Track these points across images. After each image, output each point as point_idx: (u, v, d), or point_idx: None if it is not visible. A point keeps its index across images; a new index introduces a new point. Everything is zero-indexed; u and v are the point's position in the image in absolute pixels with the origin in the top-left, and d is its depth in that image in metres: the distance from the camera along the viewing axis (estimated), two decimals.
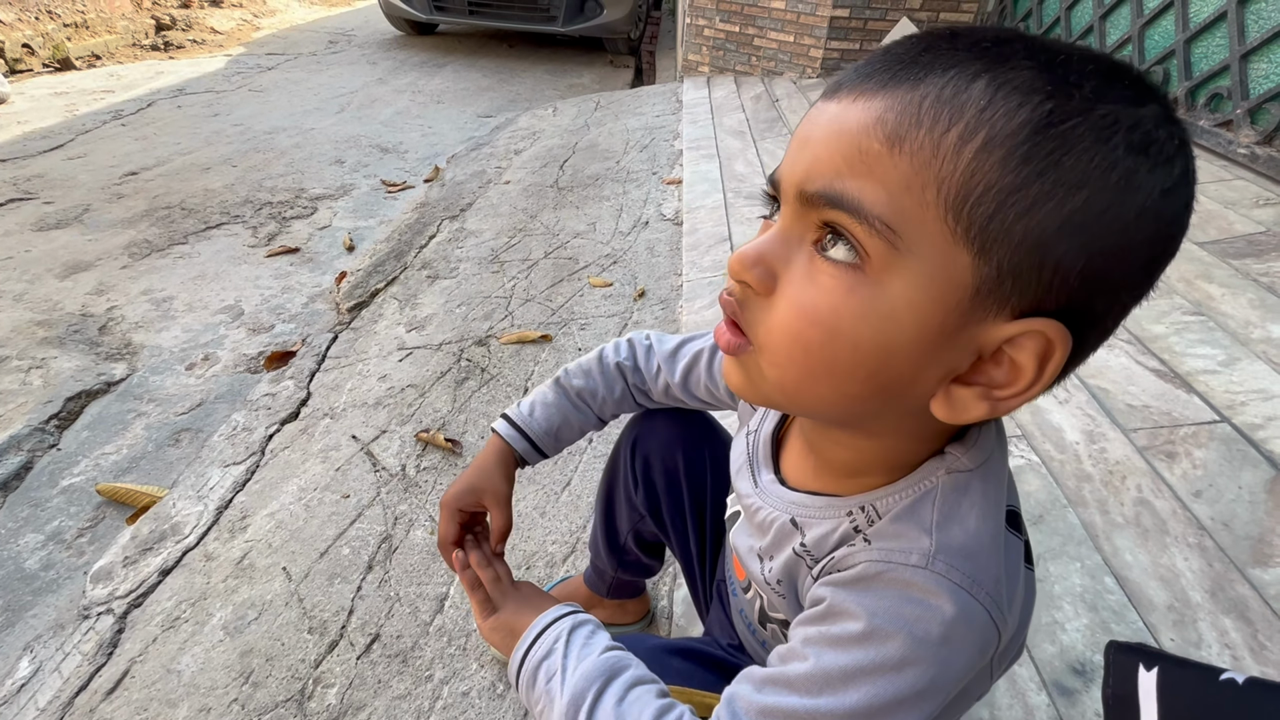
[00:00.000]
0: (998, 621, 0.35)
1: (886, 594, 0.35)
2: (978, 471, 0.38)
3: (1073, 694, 0.83)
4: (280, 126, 3.40)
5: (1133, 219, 0.29)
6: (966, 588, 0.34)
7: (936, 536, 0.36)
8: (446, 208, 2.49)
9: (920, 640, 0.33)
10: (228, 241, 2.30)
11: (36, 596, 1.16)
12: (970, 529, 0.36)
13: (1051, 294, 0.30)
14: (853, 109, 0.31)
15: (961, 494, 0.37)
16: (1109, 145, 0.28)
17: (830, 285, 0.32)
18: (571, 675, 0.43)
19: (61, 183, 2.65)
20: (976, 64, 0.29)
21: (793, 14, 3.56)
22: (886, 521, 0.38)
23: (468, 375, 1.57)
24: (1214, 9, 2.25)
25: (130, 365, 1.71)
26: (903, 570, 0.35)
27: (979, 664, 0.35)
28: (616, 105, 3.65)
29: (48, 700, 0.95)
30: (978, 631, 0.34)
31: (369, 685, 0.94)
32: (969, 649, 0.34)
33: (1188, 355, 1.36)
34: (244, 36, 5.35)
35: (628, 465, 0.74)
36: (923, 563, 0.35)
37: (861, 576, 0.36)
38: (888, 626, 0.34)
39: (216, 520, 1.22)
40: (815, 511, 0.43)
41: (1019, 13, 3.35)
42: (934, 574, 0.35)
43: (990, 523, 0.37)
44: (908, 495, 0.38)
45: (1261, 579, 0.94)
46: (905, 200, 0.30)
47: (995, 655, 0.36)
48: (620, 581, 0.89)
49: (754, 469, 0.50)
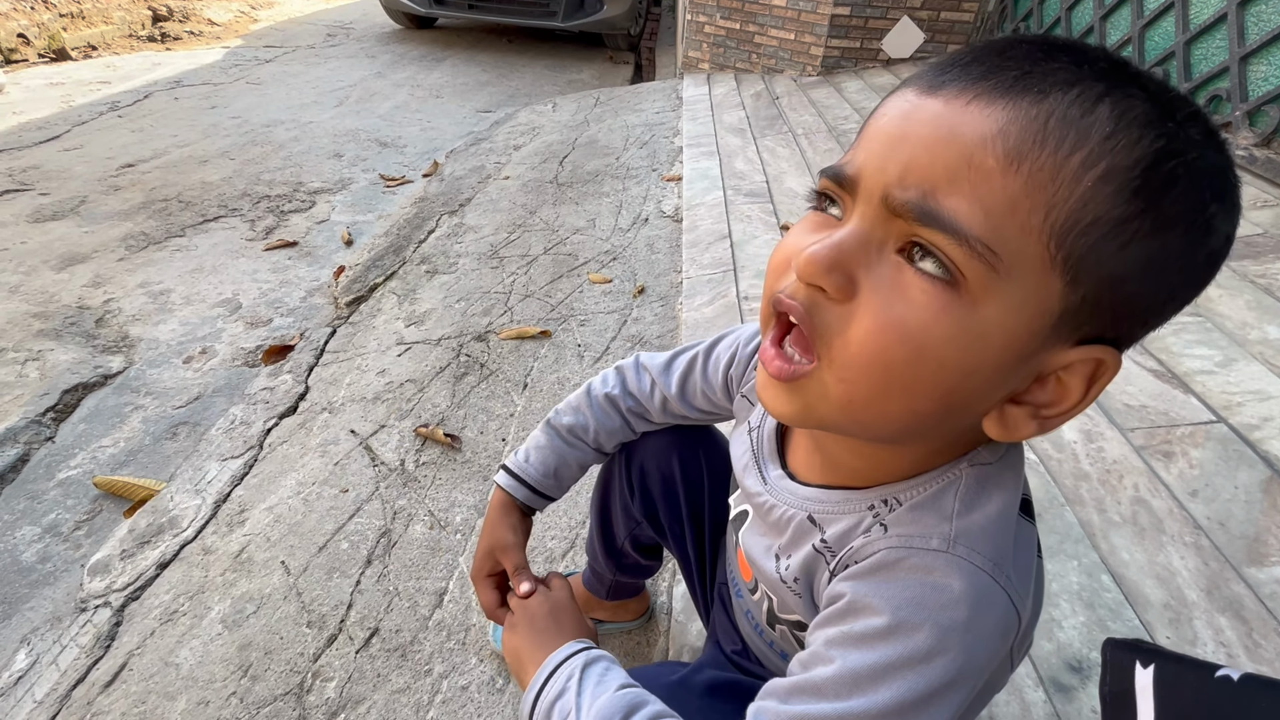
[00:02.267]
0: (1018, 605, 0.35)
1: (909, 582, 0.34)
2: (998, 464, 0.38)
3: (1069, 691, 0.83)
4: (278, 119, 3.39)
5: (1201, 261, 0.30)
6: (989, 571, 0.34)
7: (957, 522, 0.35)
8: (445, 203, 2.49)
9: (947, 629, 0.33)
10: (225, 235, 2.29)
11: (33, 589, 1.15)
12: (991, 515, 0.36)
13: (1117, 324, 0.31)
14: (966, 114, 0.29)
15: (984, 484, 0.37)
16: (1199, 189, 0.28)
17: (923, 301, 0.30)
18: (586, 715, 0.42)
19: (57, 174, 2.63)
20: (1100, 85, 0.28)
21: (793, 11, 3.55)
22: (905, 510, 0.38)
23: (467, 370, 1.56)
24: (1214, 11, 2.25)
25: (127, 358, 1.70)
26: (923, 555, 0.35)
27: (1002, 650, 0.35)
28: (616, 101, 3.64)
29: (45, 693, 0.95)
30: (999, 615, 0.34)
31: (368, 679, 0.94)
32: (993, 634, 0.34)
33: (1185, 356, 1.36)
34: (241, 28, 5.32)
35: (623, 474, 0.72)
36: (944, 546, 0.35)
37: (881, 565, 0.36)
38: (913, 618, 0.33)
39: (214, 514, 1.21)
40: (833, 506, 0.42)
41: (1019, 12, 3.35)
42: (956, 557, 0.34)
43: (1009, 512, 0.37)
44: (932, 485, 0.38)
45: (1257, 578, 0.94)
46: (1007, 222, 0.28)
47: (1015, 642, 0.36)
48: (619, 584, 0.88)
49: (761, 465, 0.49)
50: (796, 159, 2.58)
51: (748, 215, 2.16)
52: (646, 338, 1.67)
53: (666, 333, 1.68)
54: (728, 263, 1.90)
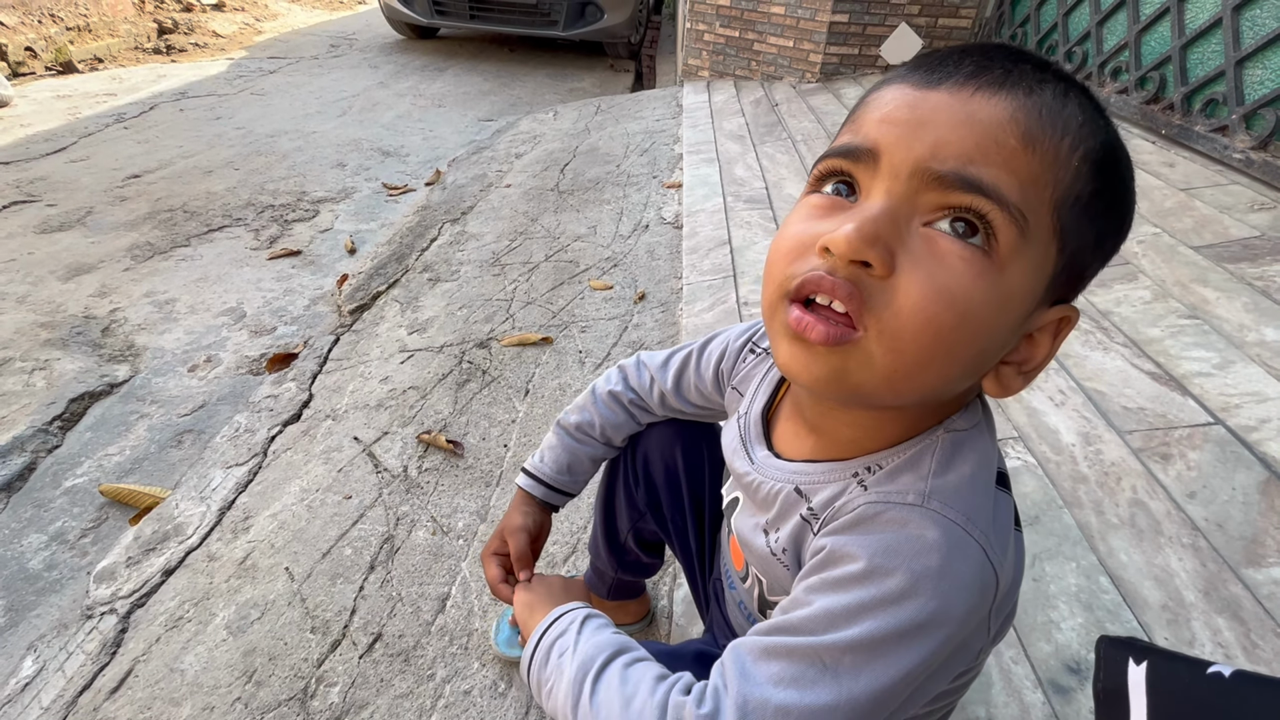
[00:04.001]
0: (994, 561, 0.36)
1: (885, 533, 0.36)
2: (972, 431, 0.41)
3: (1068, 692, 0.84)
4: (282, 130, 3.42)
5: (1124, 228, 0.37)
6: (961, 524, 0.36)
7: (932, 480, 0.38)
8: (448, 211, 2.51)
9: (919, 574, 0.34)
10: (230, 244, 2.32)
11: (40, 596, 1.16)
12: (965, 475, 0.38)
13: (1075, 285, 0.37)
14: (974, 102, 0.33)
15: (958, 447, 0.39)
16: (1131, 168, 0.35)
17: (961, 268, 0.33)
18: (582, 647, 0.44)
19: (64, 185, 2.66)
20: (1061, 84, 0.34)
21: (792, 19, 3.58)
22: (885, 473, 0.40)
23: (469, 377, 1.58)
24: (1210, 15, 2.26)
25: (133, 367, 1.71)
26: (899, 509, 0.36)
27: (980, 607, 0.36)
28: (617, 109, 3.67)
29: (51, 699, 0.96)
30: (975, 567, 0.35)
31: (371, 684, 0.95)
32: (969, 585, 0.35)
33: (1183, 358, 1.37)
34: (246, 40, 5.38)
35: (628, 463, 0.75)
36: (919, 501, 0.37)
37: (860, 519, 0.37)
38: (888, 563, 0.35)
39: (219, 521, 1.22)
40: (819, 476, 0.43)
41: (1017, 18, 3.37)
42: (929, 510, 0.36)
43: (985, 473, 0.39)
44: (910, 450, 0.40)
45: (1254, 579, 0.95)
46: (1031, 194, 0.33)
47: (994, 605, 0.37)
48: (621, 582, 0.89)
49: (748, 448, 0.51)
50: (796, 165, 2.60)
51: (748, 221, 2.18)
52: (647, 344, 1.68)
53: (667, 338, 1.69)
54: (728, 269, 1.91)
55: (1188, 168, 2.19)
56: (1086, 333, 1.48)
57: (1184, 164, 2.22)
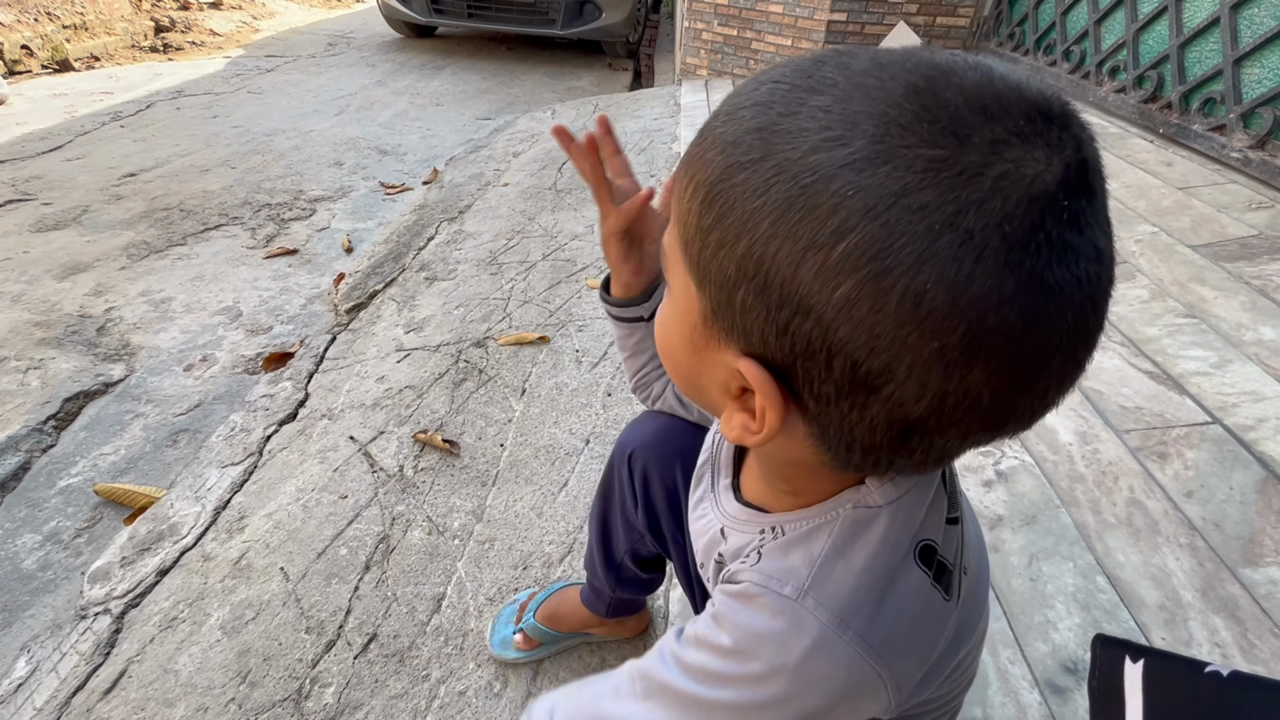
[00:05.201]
0: (867, 656, 0.36)
1: (757, 616, 0.37)
2: (886, 509, 0.38)
3: (1065, 692, 0.84)
4: (279, 128, 3.41)
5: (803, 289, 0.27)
6: (832, 626, 0.36)
7: (816, 571, 0.37)
8: (445, 210, 2.50)
9: (777, 667, 0.36)
10: (226, 243, 2.31)
11: (34, 597, 1.16)
12: (855, 568, 0.37)
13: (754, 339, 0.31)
14: None
15: (859, 531, 0.38)
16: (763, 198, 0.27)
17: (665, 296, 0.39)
18: None
19: (60, 184, 2.65)
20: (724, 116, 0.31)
21: (790, 18, 3.57)
22: (781, 543, 0.40)
23: (465, 376, 1.57)
24: (1207, 14, 2.26)
25: (128, 366, 1.71)
26: (774, 598, 0.37)
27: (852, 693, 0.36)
28: (615, 108, 3.66)
29: (45, 700, 0.95)
30: (842, 667, 0.35)
31: (366, 685, 0.94)
32: (828, 678, 0.36)
33: (1180, 357, 1.37)
34: (243, 39, 5.36)
35: (625, 482, 0.72)
36: (794, 595, 0.37)
37: (741, 594, 0.39)
38: (751, 649, 0.37)
39: (214, 521, 1.22)
40: (740, 525, 0.45)
41: (1014, 17, 3.37)
42: (802, 608, 0.36)
43: (880, 562, 0.37)
44: (813, 522, 0.40)
45: (1252, 578, 0.95)
46: (672, 234, 0.35)
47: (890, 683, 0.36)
48: (619, 600, 0.86)
49: (714, 473, 0.51)
50: None
51: None
52: None
53: None
54: None
55: (1185, 166, 2.19)
56: None
57: (1182, 163, 2.22)
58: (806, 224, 0.26)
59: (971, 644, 0.46)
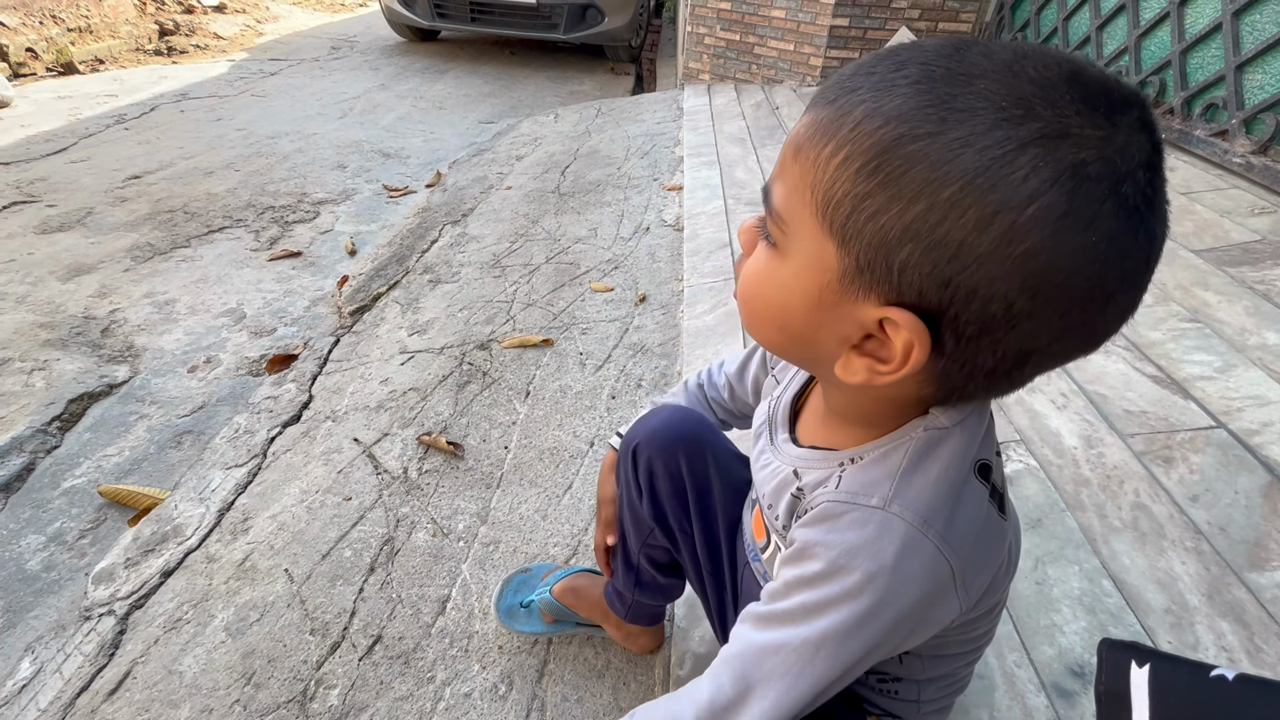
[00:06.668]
0: (948, 556, 0.40)
1: (846, 530, 0.41)
2: (954, 429, 0.42)
3: (1071, 696, 0.83)
4: (283, 131, 3.42)
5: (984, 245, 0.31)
6: (917, 526, 0.40)
7: (897, 482, 0.41)
8: (448, 213, 2.51)
9: (874, 570, 0.39)
10: (230, 245, 2.31)
11: (38, 598, 1.16)
12: (931, 477, 0.41)
13: (907, 290, 0.34)
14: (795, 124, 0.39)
15: (931, 448, 0.42)
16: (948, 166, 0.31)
17: (759, 258, 0.42)
18: None
19: (64, 186, 2.66)
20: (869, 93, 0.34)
21: (793, 23, 3.59)
22: (861, 466, 0.44)
23: (469, 379, 1.57)
24: (1209, 20, 2.27)
25: (132, 368, 1.71)
26: (861, 510, 0.41)
27: (934, 591, 0.40)
28: (618, 112, 3.67)
29: (49, 701, 0.95)
30: (926, 564, 0.40)
31: (371, 686, 0.94)
32: (918, 578, 0.40)
33: (1184, 361, 1.37)
34: (247, 42, 5.38)
35: (630, 475, 0.73)
36: (880, 504, 0.41)
37: (826, 515, 0.43)
38: (845, 562, 0.40)
39: (218, 522, 1.22)
40: (814, 463, 0.49)
41: (1017, 22, 3.39)
42: (889, 514, 0.40)
43: (951, 473, 0.42)
44: (889, 445, 0.44)
45: (1258, 582, 0.94)
46: (794, 199, 0.37)
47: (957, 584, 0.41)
48: (638, 604, 0.85)
49: (771, 429, 0.56)
50: None
51: None
52: (648, 346, 1.67)
53: (668, 340, 1.69)
54: (728, 271, 1.91)
55: (1188, 172, 2.20)
56: None
57: (1184, 168, 2.23)
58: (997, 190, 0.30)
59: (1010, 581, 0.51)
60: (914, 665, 0.56)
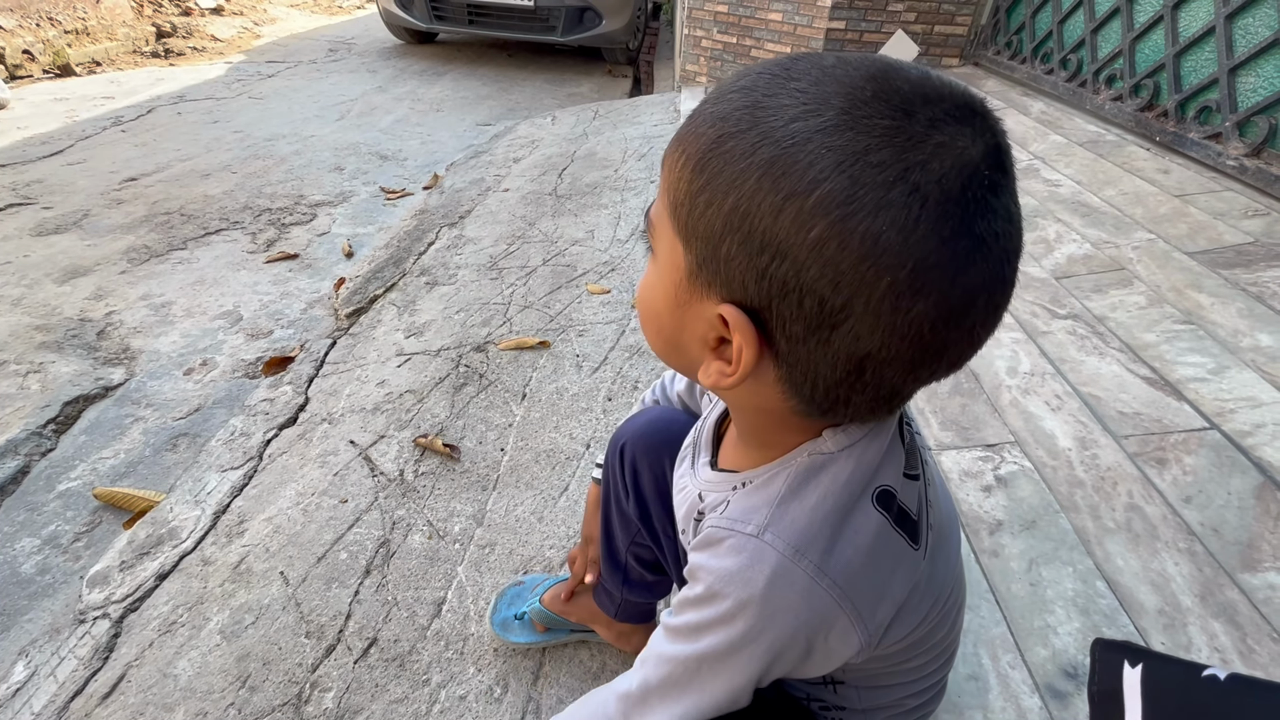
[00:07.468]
0: (825, 587, 0.39)
1: (723, 557, 0.41)
2: (839, 454, 0.42)
3: (1065, 697, 0.84)
4: (280, 133, 3.42)
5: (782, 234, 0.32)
6: (788, 556, 0.39)
7: (774, 510, 0.41)
8: (445, 215, 2.51)
9: (745, 599, 0.39)
10: (227, 247, 2.31)
11: (32, 601, 1.16)
12: (809, 505, 0.41)
13: (736, 286, 0.35)
14: None
15: (813, 474, 0.42)
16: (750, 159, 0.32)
17: (647, 267, 0.43)
18: None
19: (61, 188, 2.66)
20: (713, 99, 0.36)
21: (789, 26, 3.60)
22: (746, 492, 0.45)
23: (466, 381, 1.57)
24: (1203, 23, 2.28)
25: (128, 370, 1.71)
26: (738, 537, 0.41)
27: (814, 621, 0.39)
28: (615, 115, 3.68)
29: (43, 705, 0.95)
30: (799, 595, 0.39)
31: (366, 689, 0.94)
32: (794, 609, 0.39)
33: (1178, 363, 1.37)
34: (244, 44, 5.38)
35: (617, 474, 0.74)
36: (755, 531, 0.41)
37: (709, 541, 0.43)
38: (720, 588, 0.41)
39: (214, 525, 1.22)
40: (715, 486, 0.50)
41: (1012, 25, 3.40)
42: (762, 542, 0.40)
43: (832, 500, 0.41)
44: (774, 470, 0.44)
45: (1250, 583, 0.95)
46: (660, 205, 0.39)
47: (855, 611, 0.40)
48: (627, 603, 0.86)
49: (695, 453, 0.56)
50: None
51: None
52: (644, 348, 1.68)
53: None
54: None
55: (1182, 174, 2.21)
56: (1082, 338, 1.48)
57: (1178, 170, 2.24)
58: (787, 178, 0.31)
59: (946, 606, 0.49)
60: (849, 695, 0.54)
